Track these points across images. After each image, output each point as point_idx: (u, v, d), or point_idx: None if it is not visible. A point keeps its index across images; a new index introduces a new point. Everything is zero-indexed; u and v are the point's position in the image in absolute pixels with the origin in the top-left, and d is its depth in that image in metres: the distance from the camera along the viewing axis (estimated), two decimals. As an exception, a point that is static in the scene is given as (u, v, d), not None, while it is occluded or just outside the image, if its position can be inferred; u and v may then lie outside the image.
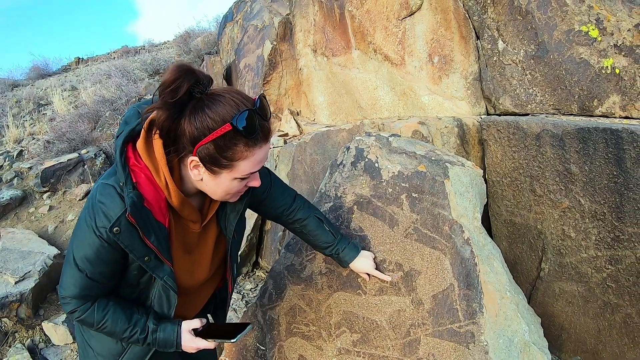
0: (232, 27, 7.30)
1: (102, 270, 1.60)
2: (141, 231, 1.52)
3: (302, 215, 2.27)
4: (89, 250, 1.55)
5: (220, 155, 1.50)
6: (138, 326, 1.72)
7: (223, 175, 1.56)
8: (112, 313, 1.69)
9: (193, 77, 1.43)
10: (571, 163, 2.93)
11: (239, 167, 1.55)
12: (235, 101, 1.49)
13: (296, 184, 4.52)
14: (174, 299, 1.76)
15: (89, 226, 1.52)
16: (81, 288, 1.62)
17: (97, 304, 1.68)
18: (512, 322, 2.25)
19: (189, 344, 1.78)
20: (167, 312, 1.79)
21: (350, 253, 2.32)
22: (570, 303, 3.16)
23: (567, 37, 3.15)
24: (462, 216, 2.38)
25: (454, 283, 2.26)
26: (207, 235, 1.87)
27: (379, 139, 2.70)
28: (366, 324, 2.43)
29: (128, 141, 1.60)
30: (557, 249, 3.12)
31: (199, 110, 1.46)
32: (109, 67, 11.82)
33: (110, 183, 1.54)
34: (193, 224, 1.77)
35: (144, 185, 1.56)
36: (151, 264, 1.62)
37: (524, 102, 3.41)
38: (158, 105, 1.46)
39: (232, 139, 1.47)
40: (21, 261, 4.88)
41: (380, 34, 4.32)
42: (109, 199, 1.51)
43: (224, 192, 1.64)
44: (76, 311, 1.67)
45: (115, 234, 1.49)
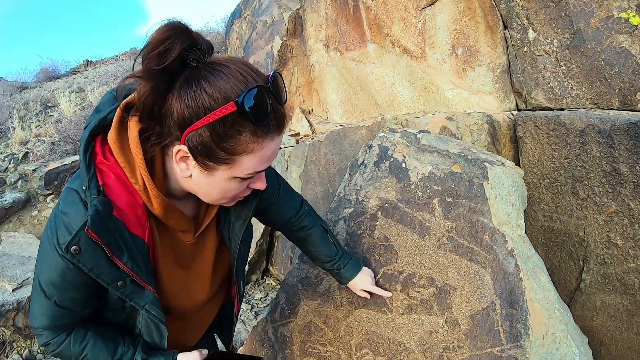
0: (240, 24, 7.24)
1: (72, 295, 1.28)
2: (108, 249, 1.19)
3: (308, 223, 1.98)
4: (53, 274, 1.23)
5: (218, 146, 1.14)
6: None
7: (219, 173, 1.21)
8: (92, 346, 1.39)
9: (188, 39, 1.09)
10: (620, 162, 2.70)
11: (241, 163, 1.19)
12: (242, 74, 1.13)
13: (310, 186, 4.36)
14: (164, 329, 1.43)
15: (51, 244, 1.19)
16: (51, 318, 1.33)
17: (74, 335, 1.39)
18: (561, 344, 2.00)
19: None
20: (159, 342, 1.47)
21: (351, 270, 2.09)
22: (612, 317, 2.94)
23: (605, 25, 2.92)
24: (504, 224, 2.13)
25: (495, 301, 2.02)
26: (204, 246, 1.52)
27: (406, 136, 2.46)
28: (392, 347, 2.19)
29: (97, 133, 1.25)
30: (601, 258, 2.90)
31: (192, 83, 1.11)
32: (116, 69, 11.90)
33: (74, 187, 1.21)
34: (184, 234, 1.43)
35: (114, 188, 1.21)
36: (126, 289, 1.28)
37: (558, 96, 3.17)
38: (139, 74, 1.11)
39: (236, 124, 1.12)
40: (20, 267, 4.78)
41: (398, 25, 4.13)
42: (72, 208, 1.18)
43: (218, 195, 1.29)
44: (50, 344, 1.38)
45: (74, 254, 1.16)
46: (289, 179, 4.66)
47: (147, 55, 1.07)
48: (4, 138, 9.10)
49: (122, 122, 1.22)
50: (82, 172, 1.19)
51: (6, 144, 8.69)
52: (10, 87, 13.35)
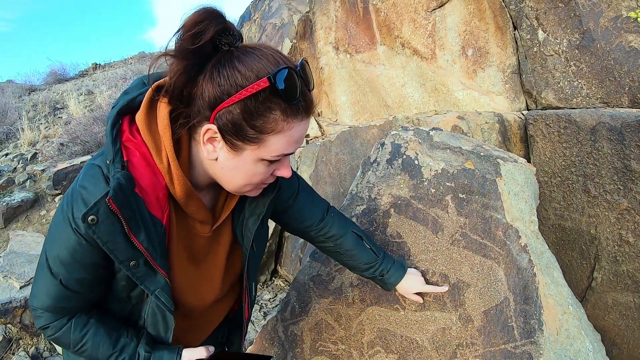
0: (250, 26, 7.22)
1: (80, 276, 1.24)
2: (126, 224, 1.16)
3: (336, 232, 1.88)
4: (63, 250, 1.19)
5: (248, 123, 1.14)
6: (125, 352, 1.37)
7: (246, 154, 1.20)
8: (94, 334, 1.35)
9: (222, 23, 1.12)
10: (631, 159, 2.70)
11: (270, 143, 1.19)
12: (273, 56, 1.16)
13: (320, 186, 4.35)
14: (170, 319, 1.39)
15: (65, 218, 1.17)
16: (55, 298, 1.28)
17: (75, 321, 1.34)
18: (574, 340, 1.99)
19: None
20: (163, 335, 1.42)
21: (396, 274, 1.95)
22: (624, 316, 2.94)
23: (614, 24, 2.95)
24: (518, 219, 2.12)
25: (509, 297, 2.01)
26: (218, 242, 1.50)
27: (418, 133, 2.46)
28: (405, 344, 2.18)
29: (125, 113, 1.25)
30: (612, 255, 2.89)
31: (226, 64, 1.13)
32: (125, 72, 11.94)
33: (96, 163, 1.20)
34: (201, 225, 1.40)
35: (138, 166, 1.20)
36: (139, 271, 1.24)
37: (568, 95, 3.18)
38: (173, 52, 1.13)
39: (267, 101, 1.13)
40: (28, 265, 4.76)
41: (408, 27, 4.14)
42: (92, 182, 1.16)
43: (243, 180, 1.27)
44: (48, 327, 1.33)
45: (91, 224, 1.12)
46: (299, 179, 4.65)
47: (181, 36, 1.09)
48: (12, 139, 9.10)
49: (152, 103, 1.23)
50: (107, 148, 1.18)
51: (15, 144, 8.71)
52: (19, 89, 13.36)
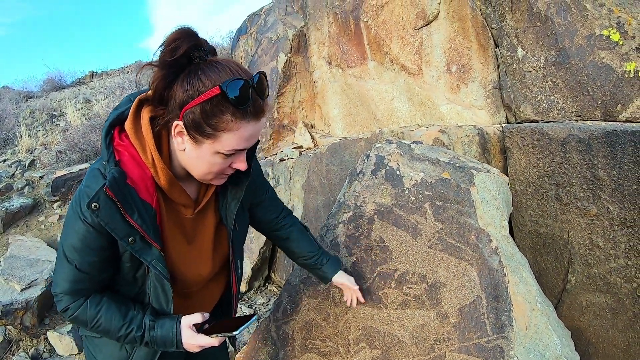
0: (246, 40, 7.29)
1: (91, 259, 1.50)
2: (122, 207, 1.42)
3: (289, 222, 2.21)
4: (75, 238, 1.46)
5: (205, 122, 1.40)
6: (134, 323, 1.60)
7: (205, 147, 1.45)
8: (106, 309, 1.59)
9: (193, 40, 1.39)
10: (599, 168, 2.84)
11: (223, 139, 1.43)
12: (232, 70, 1.41)
13: (312, 195, 4.46)
14: (168, 289, 1.62)
15: (75, 212, 1.45)
16: (72, 282, 1.54)
17: (90, 300, 1.59)
18: (543, 335, 2.15)
19: (190, 341, 1.63)
20: (165, 306, 1.65)
21: (334, 265, 2.24)
22: (598, 316, 3.05)
23: (588, 42, 3.08)
24: (489, 225, 2.29)
25: (481, 295, 2.18)
26: (204, 224, 1.75)
27: (401, 146, 2.63)
28: (387, 340, 2.35)
29: (115, 125, 1.53)
30: (584, 259, 3.02)
31: (192, 74, 1.39)
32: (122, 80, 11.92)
33: (96, 167, 1.49)
34: (185, 208, 1.66)
35: (128, 163, 1.48)
36: (136, 245, 1.50)
37: (545, 109, 3.33)
38: (155, 63, 1.40)
39: (219, 105, 1.38)
40: (28, 269, 4.84)
41: (396, 44, 4.28)
42: (93, 181, 1.44)
43: (205, 169, 1.52)
44: (69, 309, 1.58)
45: (94, 210, 1.40)
46: (292, 189, 4.77)
47: (162, 51, 1.37)
48: (10, 145, 9.11)
49: (137, 113, 1.51)
50: (103, 151, 1.46)
51: (13, 150, 8.73)
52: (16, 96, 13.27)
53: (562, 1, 3.18)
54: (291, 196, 4.78)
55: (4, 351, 4.27)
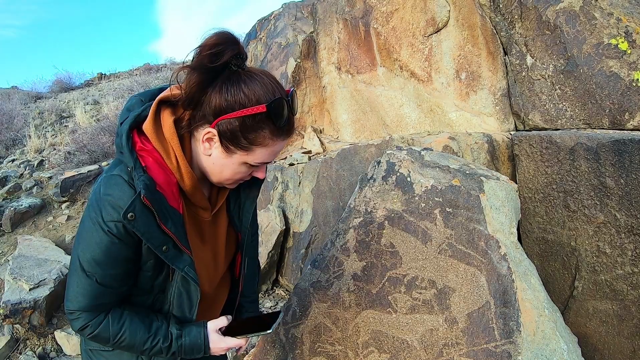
0: (256, 44, 7.30)
1: (114, 272, 1.44)
2: (158, 216, 1.38)
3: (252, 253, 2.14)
4: (97, 250, 1.39)
5: (243, 135, 1.40)
6: (159, 334, 1.56)
7: (236, 157, 1.46)
8: (130, 324, 1.53)
9: (236, 48, 1.36)
10: (606, 176, 2.86)
11: (256, 153, 1.45)
12: (272, 85, 1.41)
13: (321, 200, 4.49)
14: (195, 295, 1.61)
15: (95, 223, 1.37)
16: (92, 297, 1.46)
17: (112, 316, 1.52)
18: (550, 341, 2.18)
19: (218, 345, 1.63)
20: (188, 313, 1.64)
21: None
22: (604, 322, 3.07)
23: (596, 51, 3.11)
24: (498, 231, 2.32)
25: (490, 301, 2.20)
26: (217, 226, 1.74)
27: (411, 153, 2.66)
28: (396, 344, 2.36)
29: (133, 127, 1.46)
30: (591, 266, 3.04)
31: (234, 83, 1.37)
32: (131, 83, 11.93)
33: (115, 173, 1.41)
34: (203, 211, 1.64)
35: (154, 169, 1.42)
36: (169, 253, 1.46)
37: (553, 117, 3.36)
38: (193, 65, 1.36)
39: (261, 122, 1.39)
40: (37, 268, 4.83)
41: (406, 50, 4.31)
42: (116, 189, 1.37)
43: (228, 175, 1.53)
44: (88, 327, 1.49)
45: (130, 220, 1.34)
46: (301, 193, 4.79)
47: (200, 53, 1.33)
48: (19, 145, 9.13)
49: (156, 115, 1.47)
50: (126, 157, 1.39)
51: (22, 151, 8.75)
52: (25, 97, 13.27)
53: (571, 10, 3.21)
54: (300, 201, 4.80)
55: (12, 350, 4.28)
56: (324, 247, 2.73)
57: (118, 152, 1.45)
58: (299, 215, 4.79)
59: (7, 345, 4.28)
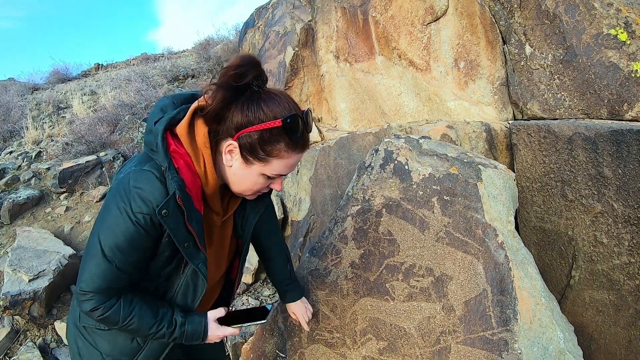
0: (254, 33, 7.27)
1: (133, 259, 1.57)
2: (186, 215, 1.54)
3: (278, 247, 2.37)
4: (121, 238, 1.52)
5: (261, 147, 1.54)
6: (165, 321, 1.71)
7: (254, 168, 1.60)
8: (139, 309, 1.66)
9: (258, 70, 1.52)
10: (604, 166, 2.87)
11: (272, 164, 1.59)
12: (289, 104, 1.56)
13: (319, 188, 4.48)
14: (201, 288, 1.78)
15: (123, 212, 1.50)
16: (108, 281, 1.57)
17: (123, 300, 1.64)
18: (547, 329, 2.19)
19: (216, 333, 1.80)
20: (190, 303, 1.80)
21: (295, 295, 2.45)
22: (600, 312, 3.09)
23: (595, 41, 3.11)
24: (496, 220, 2.33)
25: (487, 288, 2.22)
26: (225, 231, 1.90)
27: (409, 141, 2.66)
28: (394, 331, 2.39)
29: (167, 129, 1.59)
30: (588, 255, 3.05)
31: (254, 102, 1.52)
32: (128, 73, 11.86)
33: (146, 169, 1.53)
34: (216, 215, 1.78)
35: (184, 171, 1.56)
36: (189, 250, 1.63)
37: (552, 106, 3.35)
38: (219, 83, 1.51)
39: (278, 135, 1.53)
40: (36, 260, 4.83)
41: (404, 39, 4.29)
42: (148, 184, 1.50)
43: (247, 185, 1.67)
44: (99, 309, 1.61)
45: (164, 216, 1.49)
46: (299, 182, 4.77)
47: (226, 74, 1.50)
48: (16, 137, 9.08)
49: (191, 121, 1.59)
50: (160, 157, 1.52)
51: (19, 142, 8.70)
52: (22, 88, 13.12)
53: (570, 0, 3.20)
54: (298, 189, 4.79)
55: (12, 341, 4.28)
56: (322, 235, 2.74)
57: (148, 149, 1.58)
58: (297, 203, 4.79)
59: (7, 337, 4.29)
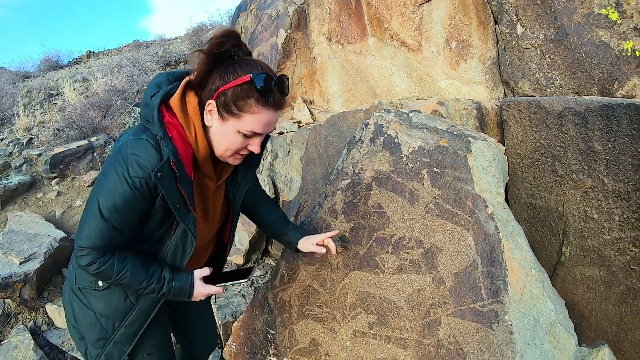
0: (246, 16, 7.26)
1: (128, 219, 1.75)
2: (179, 178, 1.71)
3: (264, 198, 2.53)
4: (118, 199, 1.69)
5: (234, 103, 1.70)
6: (155, 277, 1.87)
7: (229, 124, 1.75)
8: (132, 265, 1.82)
9: (237, 41, 1.72)
10: (594, 141, 2.87)
11: (245, 119, 1.73)
12: (262, 67, 1.73)
13: (310, 167, 4.48)
14: (190, 248, 1.93)
15: (119, 175, 1.67)
16: (104, 239, 1.74)
17: (117, 256, 1.80)
18: (537, 301, 2.20)
19: (201, 290, 1.96)
20: (179, 262, 1.96)
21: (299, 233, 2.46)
22: (591, 289, 3.09)
23: (586, 20, 3.12)
24: (486, 191, 2.32)
25: (477, 260, 2.22)
26: (217, 197, 2.07)
27: (399, 115, 2.65)
28: (383, 305, 2.39)
29: (162, 102, 1.76)
30: (579, 231, 3.05)
31: (230, 67, 1.71)
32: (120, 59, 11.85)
33: (143, 137, 1.70)
34: (209, 181, 1.96)
35: (177, 140, 1.73)
36: (180, 211, 1.79)
37: (543, 85, 3.37)
38: (204, 50, 1.71)
39: (247, 91, 1.68)
40: (27, 243, 4.84)
41: (397, 20, 4.29)
42: (144, 151, 1.67)
43: (226, 144, 1.80)
44: (94, 263, 1.77)
45: (159, 179, 1.66)
46: (290, 161, 4.78)
47: (210, 43, 1.69)
48: (7, 124, 9.08)
49: (183, 94, 1.78)
50: (155, 127, 1.70)
51: (10, 129, 8.70)
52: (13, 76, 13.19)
53: (561, -21, 3.20)
54: (289, 169, 4.78)
55: (3, 324, 4.28)
56: (312, 209, 2.73)
57: (145, 121, 1.76)
58: (288, 183, 4.78)
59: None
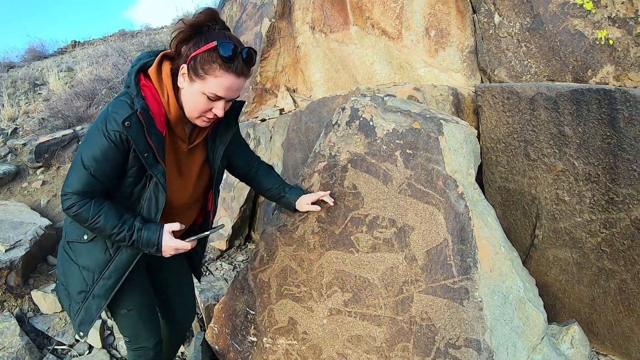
0: (231, 5, 7.23)
1: (105, 169, 1.92)
2: (146, 128, 1.88)
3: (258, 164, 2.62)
4: (96, 150, 1.88)
5: (201, 66, 1.86)
6: (126, 224, 2.00)
7: (195, 86, 1.90)
8: (106, 211, 1.97)
9: (212, 15, 1.91)
10: (565, 125, 2.94)
11: (209, 82, 1.88)
12: (231, 38, 1.91)
13: (291, 153, 4.53)
14: (162, 201, 2.06)
15: (100, 130, 1.87)
16: (84, 184, 1.92)
17: (94, 202, 1.97)
18: (506, 278, 2.27)
19: (169, 244, 2.05)
20: (154, 216, 2.09)
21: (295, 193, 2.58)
22: (564, 271, 3.17)
23: (562, 10, 3.17)
24: (456, 172, 2.39)
25: (447, 238, 2.28)
26: (193, 159, 2.21)
27: (374, 99, 2.71)
28: (358, 283, 2.45)
29: (140, 71, 1.98)
30: (551, 214, 3.13)
31: (204, 36, 1.89)
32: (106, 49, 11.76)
33: (122, 99, 1.91)
34: (182, 142, 2.12)
35: (150, 100, 1.93)
36: (149, 160, 1.93)
37: (519, 73, 3.43)
38: (185, 20, 1.90)
39: (212, 56, 1.84)
40: (12, 231, 4.85)
41: (378, 9, 4.34)
42: (120, 109, 1.87)
43: (193, 105, 1.95)
44: (74, 206, 1.95)
45: (126, 127, 1.84)
46: (272, 147, 4.83)
47: (192, 16, 1.93)
48: None
49: (160, 64, 1.98)
50: (132, 88, 1.92)
51: None
52: None
53: (538, -32, 3.26)
54: (271, 155, 4.83)
55: (-12, 311, 4.25)
56: (290, 191, 2.78)
57: (125, 86, 1.97)
58: (270, 169, 4.80)
59: (-16, 307, 4.29)
